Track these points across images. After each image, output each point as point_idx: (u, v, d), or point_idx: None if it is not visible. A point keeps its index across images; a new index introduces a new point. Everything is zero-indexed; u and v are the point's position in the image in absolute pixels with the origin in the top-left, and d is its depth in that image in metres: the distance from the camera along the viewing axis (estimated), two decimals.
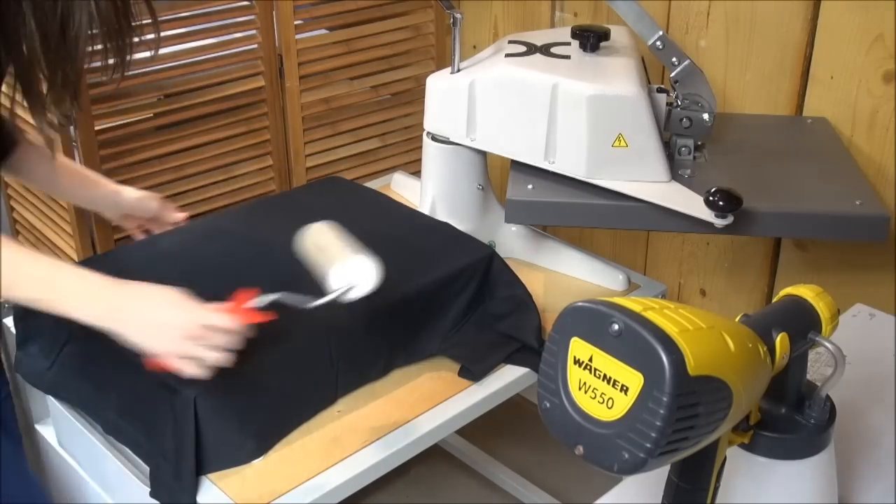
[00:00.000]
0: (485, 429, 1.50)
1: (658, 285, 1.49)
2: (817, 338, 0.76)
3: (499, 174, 1.83)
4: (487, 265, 1.29)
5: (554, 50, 1.37)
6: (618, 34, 1.40)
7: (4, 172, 1.25)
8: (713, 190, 1.16)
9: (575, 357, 0.64)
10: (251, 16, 1.68)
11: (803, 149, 1.41)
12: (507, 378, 1.23)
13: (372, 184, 1.72)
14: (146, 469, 1.09)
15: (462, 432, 1.97)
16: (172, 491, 1.04)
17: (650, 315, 0.61)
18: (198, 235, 1.37)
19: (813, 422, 0.79)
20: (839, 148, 1.41)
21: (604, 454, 0.62)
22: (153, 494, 1.05)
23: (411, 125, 1.96)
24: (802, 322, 0.76)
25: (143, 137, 1.63)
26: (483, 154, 1.43)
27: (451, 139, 1.40)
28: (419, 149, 1.48)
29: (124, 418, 1.12)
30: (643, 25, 1.28)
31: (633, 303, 0.62)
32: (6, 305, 1.32)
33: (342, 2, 1.79)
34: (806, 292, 0.78)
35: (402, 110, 1.96)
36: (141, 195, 1.35)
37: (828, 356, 0.77)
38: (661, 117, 1.29)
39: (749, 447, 0.78)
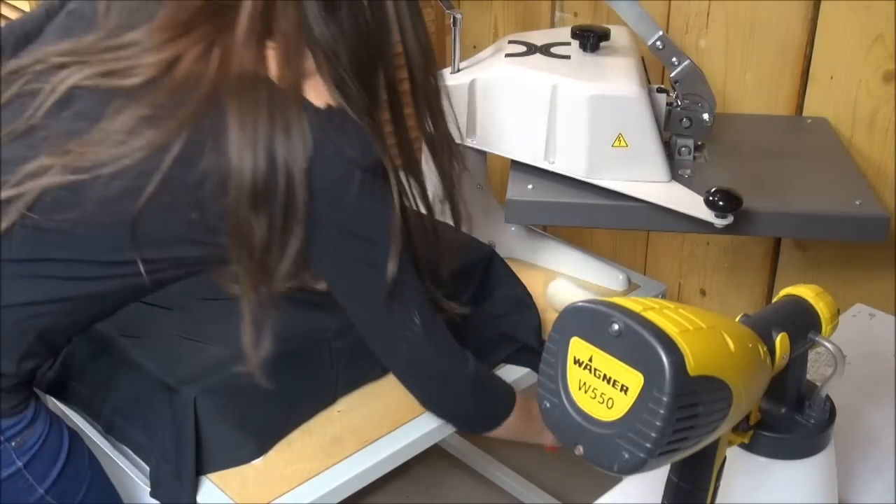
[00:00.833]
0: None
1: (658, 285, 1.49)
2: (817, 338, 0.76)
3: (499, 174, 1.83)
4: (487, 265, 1.29)
5: (554, 50, 1.37)
6: (618, 34, 1.40)
7: None
8: (713, 190, 1.16)
9: (575, 357, 0.64)
10: None
11: (803, 149, 1.41)
12: (508, 378, 1.23)
13: None
14: (146, 469, 1.09)
15: (462, 432, 1.96)
16: (172, 491, 1.04)
17: (650, 315, 0.61)
18: None
19: (813, 422, 0.79)
20: (839, 148, 1.41)
21: (604, 454, 0.62)
22: (153, 494, 1.05)
23: (411, 125, 1.96)
24: (802, 322, 0.76)
25: None
26: (483, 154, 1.43)
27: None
28: (419, 149, 1.48)
29: (124, 418, 1.12)
30: (643, 25, 1.28)
31: (633, 303, 0.62)
32: None
33: None
34: (806, 292, 0.78)
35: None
36: None
37: (828, 356, 0.77)
38: (661, 117, 1.29)
39: (749, 447, 0.78)
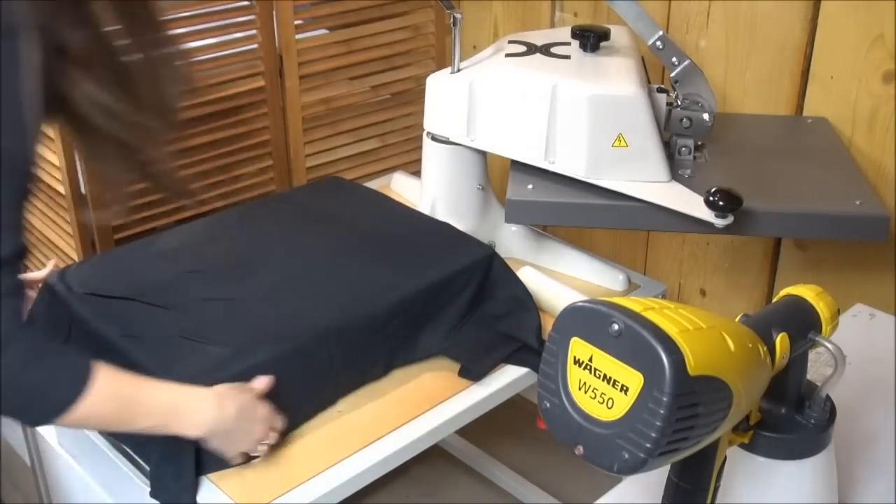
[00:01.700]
0: (485, 429, 1.49)
1: (658, 285, 1.49)
2: (817, 338, 0.76)
3: (499, 174, 1.83)
4: (487, 265, 1.29)
5: (554, 50, 1.37)
6: (618, 34, 1.40)
7: None
8: (713, 190, 1.16)
9: (575, 357, 0.64)
10: (251, 16, 1.68)
11: (803, 149, 1.41)
12: (507, 378, 1.23)
13: (372, 184, 1.72)
14: (146, 469, 1.09)
15: (462, 432, 1.96)
16: (173, 491, 1.04)
17: (650, 315, 0.61)
18: (198, 235, 1.37)
19: (813, 422, 0.79)
20: (839, 148, 1.41)
21: (604, 454, 0.62)
22: (153, 494, 1.05)
23: (411, 125, 1.96)
24: (802, 322, 0.76)
25: None
26: (483, 154, 1.43)
27: (451, 139, 1.40)
28: (419, 149, 1.48)
29: None
30: (643, 25, 1.28)
31: (633, 303, 0.62)
32: None
33: (342, 2, 1.79)
34: (806, 292, 0.78)
35: (402, 110, 1.95)
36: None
37: (828, 356, 0.77)
38: (661, 117, 1.29)
39: (749, 447, 0.78)
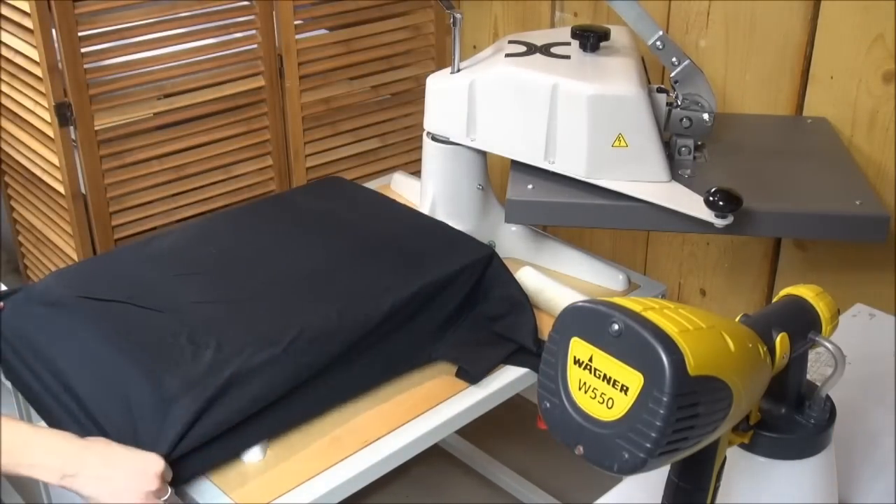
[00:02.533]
0: (485, 429, 1.50)
1: (658, 285, 1.49)
2: (817, 338, 0.76)
3: (499, 174, 1.83)
4: (486, 266, 1.29)
5: (554, 50, 1.37)
6: (618, 34, 1.40)
7: None
8: (713, 190, 1.16)
9: (575, 357, 0.64)
10: (251, 16, 1.68)
11: (803, 149, 1.41)
12: (507, 378, 1.23)
13: (372, 184, 1.72)
14: None
15: (462, 432, 1.97)
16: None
17: (650, 315, 0.61)
18: (197, 236, 1.37)
19: (813, 422, 0.79)
20: (839, 148, 1.41)
21: (604, 454, 0.62)
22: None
23: (411, 125, 1.96)
24: (802, 322, 0.76)
25: (143, 137, 1.63)
26: (483, 154, 1.43)
27: (451, 139, 1.40)
28: (419, 149, 1.48)
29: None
30: (643, 25, 1.28)
31: (633, 303, 0.62)
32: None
33: (342, 2, 1.80)
34: (806, 292, 0.78)
35: (402, 110, 1.96)
36: None
37: (828, 356, 0.77)
38: (661, 117, 1.29)
39: (749, 447, 0.78)
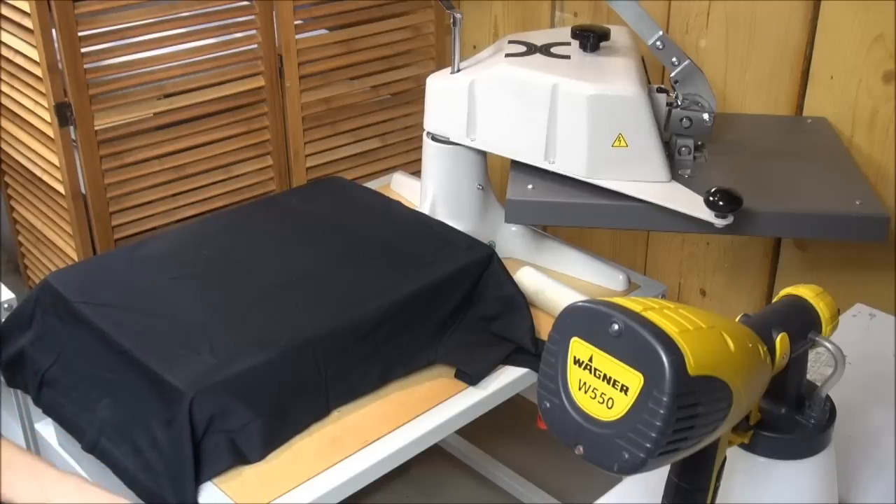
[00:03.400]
0: (485, 429, 1.50)
1: (658, 285, 1.49)
2: (817, 338, 0.76)
3: (499, 174, 1.83)
4: (486, 266, 1.28)
5: (554, 50, 1.37)
6: (618, 34, 1.40)
7: None
8: (713, 190, 1.16)
9: (575, 357, 0.64)
10: (251, 16, 1.68)
11: (803, 149, 1.40)
12: (507, 378, 1.23)
13: (372, 184, 1.72)
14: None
15: (462, 432, 1.96)
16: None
17: (650, 315, 0.61)
18: (191, 239, 1.37)
19: (813, 422, 0.79)
20: (839, 148, 1.40)
21: (604, 454, 0.62)
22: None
23: (411, 125, 1.96)
24: (802, 322, 0.76)
25: (143, 137, 1.63)
26: (483, 154, 1.43)
27: (451, 139, 1.40)
28: (419, 149, 1.48)
29: (110, 440, 1.11)
30: (643, 25, 1.28)
31: (633, 303, 0.62)
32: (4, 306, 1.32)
33: (342, 2, 1.79)
34: (806, 292, 0.78)
35: (402, 110, 1.95)
36: None
37: (828, 356, 0.77)
38: (661, 117, 1.29)
39: (749, 447, 0.78)
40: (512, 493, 1.90)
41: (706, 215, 1.18)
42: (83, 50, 1.51)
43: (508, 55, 1.35)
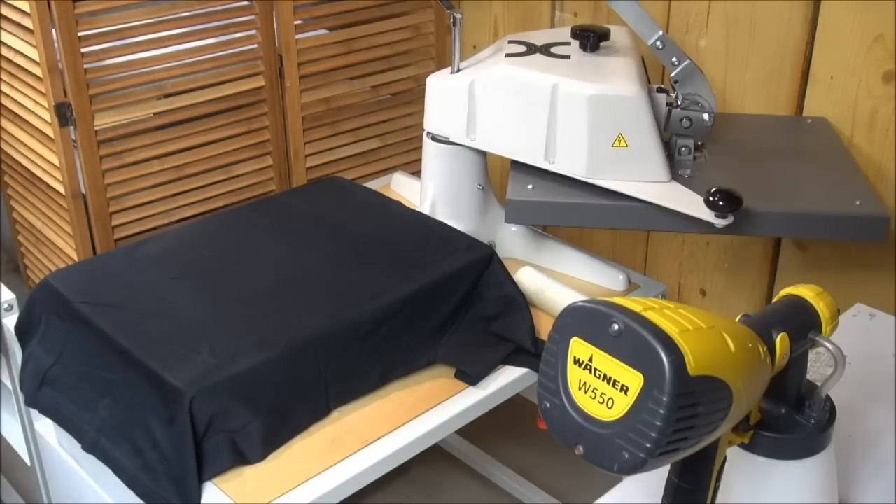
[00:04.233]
0: (485, 429, 1.50)
1: (658, 285, 1.49)
2: (817, 338, 0.76)
3: (499, 174, 1.83)
4: (486, 266, 1.28)
5: (554, 50, 1.37)
6: (618, 34, 1.40)
7: None
8: (713, 190, 1.16)
9: (575, 357, 0.64)
10: (251, 16, 1.68)
11: (803, 149, 1.41)
12: (507, 378, 1.23)
13: (372, 184, 1.72)
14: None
15: (462, 432, 1.97)
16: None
17: (650, 315, 0.61)
18: (190, 239, 1.37)
19: (813, 422, 0.79)
20: (839, 148, 1.40)
21: (604, 454, 0.62)
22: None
23: (411, 125, 1.96)
24: (802, 322, 0.76)
25: (143, 137, 1.63)
26: (483, 154, 1.43)
27: (451, 139, 1.40)
28: (419, 149, 1.48)
29: (109, 440, 1.11)
30: (643, 25, 1.28)
31: (633, 303, 0.62)
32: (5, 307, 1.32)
33: (342, 2, 1.80)
34: (806, 292, 0.78)
35: (402, 110, 1.96)
36: None
37: (828, 356, 0.77)
38: (661, 117, 1.29)
39: (749, 447, 0.78)
40: (512, 493, 1.90)
41: (706, 215, 1.18)
42: (83, 50, 1.51)
43: (508, 55, 1.35)
